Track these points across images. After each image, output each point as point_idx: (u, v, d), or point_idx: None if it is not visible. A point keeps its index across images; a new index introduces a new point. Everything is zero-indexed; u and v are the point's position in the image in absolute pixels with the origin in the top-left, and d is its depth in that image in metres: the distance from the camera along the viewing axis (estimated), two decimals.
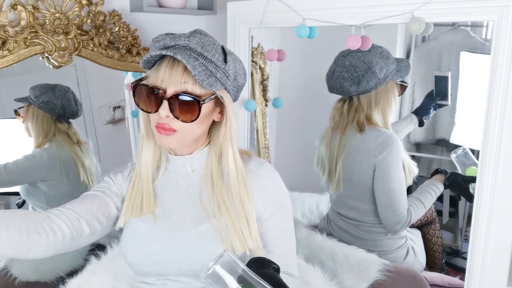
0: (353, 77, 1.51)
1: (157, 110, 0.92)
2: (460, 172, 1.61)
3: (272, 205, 1.01)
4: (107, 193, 1.02)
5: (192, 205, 1.01)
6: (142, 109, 0.96)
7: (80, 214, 0.94)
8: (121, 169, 1.09)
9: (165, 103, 0.91)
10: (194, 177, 1.03)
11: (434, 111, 1.79)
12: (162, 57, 0.94)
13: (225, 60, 0.94)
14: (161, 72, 0.92)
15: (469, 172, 1.60)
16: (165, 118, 0.92)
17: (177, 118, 0.92)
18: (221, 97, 0.95)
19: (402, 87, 1.66)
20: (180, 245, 0.97)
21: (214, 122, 1.01)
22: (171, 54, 0.88)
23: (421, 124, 1.79)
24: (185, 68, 0.90)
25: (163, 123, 0.93)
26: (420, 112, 1.79)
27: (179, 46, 0.91)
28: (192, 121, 0.92)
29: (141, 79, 0.97)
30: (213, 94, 0.94)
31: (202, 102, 0.91)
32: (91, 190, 1.04)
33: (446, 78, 1.73)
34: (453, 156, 1.64)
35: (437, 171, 1.65)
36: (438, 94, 1.75)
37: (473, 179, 1.53)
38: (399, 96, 1.66)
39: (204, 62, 0.90)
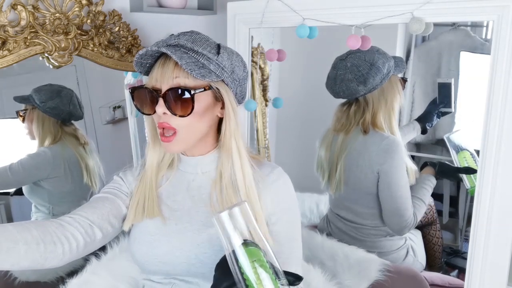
0: (358, 76, 1.50)
1: (155, 110, 0.93)
2: (451, 155, 1.62)
3: (280, 210, 1.00)
4: (118, 194, 1.03)
5: (203, 207, 1.01)
6: (143, 113, 0.97)
7: (92, 219, 0.94)
8: (131, 168, 1.10)
9: (160, 101, 0.92)
10: (205, 179, 1.03)
11: (438, 119, 1.78)
12: (155, 61, 0.96)
13: (218, 53, 0.94)
14: (154, 72, 0.94)
15: (460, 158, 1.60)
16: (163, 117, 0.93)
17: (175, 115, 0.92)
18: (217, 88, 0.95)
19: (403, 81, 1.66)
20: (191, 246, 0.97)
21: (221, 123, 1.00)
22: (156, 48, 0.90)
23: (424, 131, 1.78)
24: (176, 64, 0.91)
25: (162, 122, 0.93)
26: (423, 120, 1.78)
27: (170, 45, 0.92)
28: (188, 114, 0.92)
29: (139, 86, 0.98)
30: (208, 86, 0.94)
31: (194, 92, 0.91)
32: (101, 191, 1.04)
33: (449, 85, 1.73)
34: (445, 136, 1.64)
35: (425, 164, 1.65)
36: (441, 102, 1.75)
37: (460, 170, 1.57)
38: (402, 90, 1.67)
39: (195, 55, 0.91)
